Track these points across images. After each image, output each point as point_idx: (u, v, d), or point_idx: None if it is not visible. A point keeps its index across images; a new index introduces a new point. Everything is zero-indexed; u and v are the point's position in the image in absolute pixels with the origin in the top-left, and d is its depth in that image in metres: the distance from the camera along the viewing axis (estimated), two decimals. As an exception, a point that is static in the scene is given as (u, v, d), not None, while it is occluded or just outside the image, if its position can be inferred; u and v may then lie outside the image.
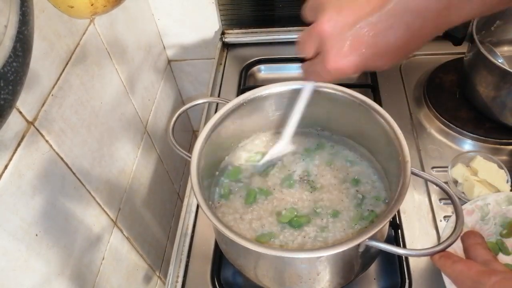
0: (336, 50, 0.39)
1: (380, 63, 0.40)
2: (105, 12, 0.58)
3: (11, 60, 0.37)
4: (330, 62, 0.40)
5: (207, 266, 0.68)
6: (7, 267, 0.55)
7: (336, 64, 0.39)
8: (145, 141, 1.00)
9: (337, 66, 0.40)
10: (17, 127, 0.56)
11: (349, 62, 0.39)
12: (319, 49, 0.41)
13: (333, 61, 0.39)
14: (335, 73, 0.41)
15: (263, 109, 0.65)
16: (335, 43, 0.38)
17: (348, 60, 0.39)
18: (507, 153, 0.80)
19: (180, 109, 0.64)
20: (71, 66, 0.68)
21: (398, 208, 0.49)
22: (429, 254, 0.47)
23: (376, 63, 0.40)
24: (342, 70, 0.40)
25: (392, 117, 0.56)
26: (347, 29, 0.37)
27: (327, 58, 0.40)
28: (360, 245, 0.47)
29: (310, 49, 0.42)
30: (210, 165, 0.61)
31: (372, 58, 0.39)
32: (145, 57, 1.02)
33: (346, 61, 0.39)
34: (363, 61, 0.39)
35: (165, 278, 0.90)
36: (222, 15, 1.07)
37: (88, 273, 0.74)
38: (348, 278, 0.58)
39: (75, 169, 0.69)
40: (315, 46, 0.41)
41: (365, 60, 0.39)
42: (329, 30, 0.38)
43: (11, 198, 0.55)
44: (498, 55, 0.82)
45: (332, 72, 0.41)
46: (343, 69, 0.40)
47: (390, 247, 0.47)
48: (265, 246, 0.48)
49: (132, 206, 0.92)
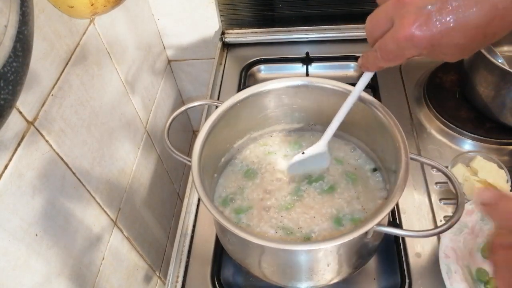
0: (414, 17, 0.36)
1: (456, 41, 0.37)
2: (105, 12, 0.58)
3: (11, 60, 0.37)
4: (404, 30, 0.37)
5: (207, 266, 0.68)
6: (7, 267, 0.55)
7: (410, 32, 0.36)
8: (145, 141, 1.00)
9: (411, 35, 0.36)
10: (17, 127, 0.56)
11: (424, 33, 0.36)
12: (391, 21, 0.38)
13: (407, 29, 0.36)
14: (405, 45, 0.37)
15: (257, 108, 0.65)
16: (414, 10, 0.36)
17: (424, 30, 0.36)
18: (507, 153, 0.80)
19: (174, 112, 0.63)
20: (71, 66, 0.68)
21: (401, 195, 0.50)
22: (432, 234, 0.49)
23: (452, 40, 0.37)
24: (415, 41, 0.37)
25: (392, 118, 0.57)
26: (429, 1, 0.36)
27: (401, 27, 0.37)
28: (369, 232, 0.49)
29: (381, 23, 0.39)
30: (209, 166, 0.61)
31: (449, 34, 0.36)
32: (145, 57, 1.02)
33: (422, 31, 0.36)
34: (439, 36, 0.36)
35: (165, 278, 0.90)
36: (222, 15, 1.07)
37: (88, 273, 0.74)
38: (357, 266, 0.59)
39: (75, 169, 0.69)
40: (387, 19, 0.38)
41: (440, 35, 0.36)
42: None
43: (11, 198, 0.55)
44: (498, 55, 0.82)
45: (402, 44, 0.37)
46: (417, 39, 0.37)
47: (396, 230, 0.50)
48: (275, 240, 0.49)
49: (132, 206, 0.92)
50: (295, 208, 0.61)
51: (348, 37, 1.04)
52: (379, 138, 0.59)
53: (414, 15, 0.36)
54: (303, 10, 1.04)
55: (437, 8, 0.35)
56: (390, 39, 0.39)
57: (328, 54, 1.01)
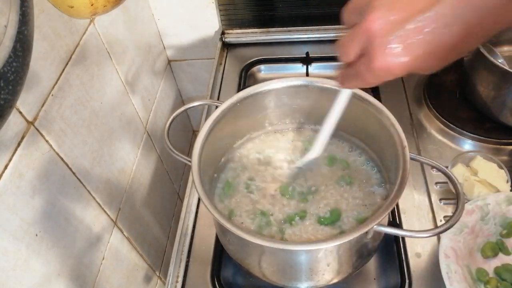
0: (386, 48, 0.36)
1: (432, 63, 0.37)
2: (105, 12, 0.58)
3: (11, 60, 0.37)
4: (378, 62, 0.36)
5: (207, 266, 0.68)
6: (7, 267, 0.55)
7: (385, 63, 0.36)
8: (145, 141, 1.00)
9: (386, 66, 0.37)
10: (17, 127, 0.56)
11: (399, 62, 0.36)
12: (364, 50, 0.38)
13: (381, 60, 0.36)
14: (382, 74, 0.38)
15: (257, 108, 0.65)
16: (385, 41, 0.36)
17: (398, 60, 0.36)
18: (507, 153, 0.80)
19: (174, 112, 0.63)
20: (71, 66, 0.68)
21: (401, 195, 0.50)
22: (432, 234, 0.49)
23: (428, 63, 0.37)
24: (391, 71, 0.37)
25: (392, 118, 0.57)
26: (398, 27, 0.35)
27: (375, 58, 0.37)
28: (369, 231, 0.49)
29: (354, 51, 0.39)
30: (209, 166, 0.61)
31: (425, 57, 0.36)
32: (145, 57, 1.02)
33: (397, 60, 0.36)
34: (414, 61, 0.36)
35: (165, 278, 0.90)
36: (222, 15, 1.07)
37: (88, 273, 0.74)
38: (357, 266, 0.59)
39: (75, 169, 0.69)
40: (359, 47, 0.38)
41: (416, 60, 0.36)
42: (379, 27, 0.35)
43: (11, 198, 0.55)
44: (498, 55, 0.82)
45: (378, 73, 0.38)
46: (392, 69, 0.37)
47: (396, 230, 0.50)
48: (275, 240, 0.49)
49: (132, 206, 0.92)
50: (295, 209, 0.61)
51: (348, 37, 1.04)
52: (379, 138, 0.59)
53: (385, 45, 0.36)
54: (303, 10, 1.04)
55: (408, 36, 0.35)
56: (365, 69, 0.39)
57: (328, 54, 1.01)
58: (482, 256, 0.65)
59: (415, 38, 0.35)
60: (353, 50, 0.39)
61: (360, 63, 0.39)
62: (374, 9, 0.36)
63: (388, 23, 0.35)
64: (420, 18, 0.34)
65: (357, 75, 0.40)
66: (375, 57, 0.36)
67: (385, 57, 0.36)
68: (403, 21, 0.35)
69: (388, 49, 0.36)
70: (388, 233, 0.50)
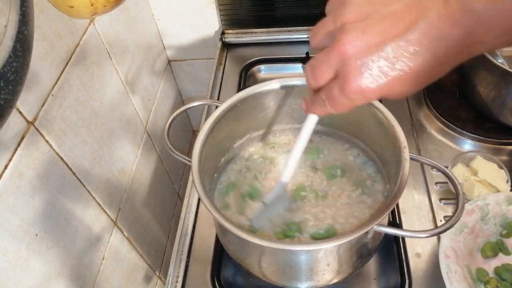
0: (360, 72, 0.35)
1: (403, 89, 0.37)
2: (105, 12, 0.58)
3: (11, 60, 0.37)
4: (352, 85, 0.36)
5: (207, 266, 0.68)
6: (7, 267, 0.55)
7: (358, 87, 0.36)
8: (145, 141, 1.00)
9: (360, 89, 0.36)
10: (17, 127, 0.56)
11: (373, 86, 0.36)
12: (336, 73, 0.37)
13: (355, 83, 0.36)
14: (356, 97, 0.37)
15: (257, 108, 0.65)
16: (359, 65, 0.35)
17: (372, 84, 0.35)
18: (507, 153, 0.80)
19: (174, 112, 0.63)
20: (71, 66, 0.68)
21: (401, 195, 0.49)
22: (432, 234, 0.49)
23: (400, 88, 0.37)
24: (365, 94, 0.36)
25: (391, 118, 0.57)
26: (372, 51, 0.35)
27: (348, 81, 0.36)
28: (369, 231, 0.48)
29: (325, 74, 0.38)
30: (209, 166, 0.61)
31: (397, 83, 0.36)
32: (145, 57, 1.02)
33: (371, 84, 0.35)
34: (387, 86, 0.36)
35: (165, 278, 0.90)
36: (222, 15, 1.07)
37: (88, 273, 0.74)
38: (357, 266, 0.59)
39: (75, 169, 0.69)
40: (332, 70, 0.37)
41: (388, 85, 0.36)
42: (353, 51, 0.35)
43: (11, 198, 0.55)
44: (498, 55, 0.82)
45: (352, 96, 0.37)
46: (366, 92, 0.36)
47: (396, 230, 0.50)
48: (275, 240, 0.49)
49: (132, 206, 0.92)
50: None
51: (348, 37, 1.04)
52: (379, 138, 0.59)
53: (361, 68, 0.35)
54: (303, 10, 1.04)
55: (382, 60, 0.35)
56: (338, 92, 0.37)
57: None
58: (482, 256, 0.65)
59: (389, 62, 0.35)
60: (325, 73, 0.38)
61: (332, 87, 0.38)
62: (348, 32, 0.35)
63: (363, 46, 0.35)
64: (394, 43, 0.34)
65: (328, 100, 0.39)
66: (349, 79, 0.36)
67: (360, 80, 0.35)
68: (377, 45, 0.35)
69: (364, 72, 0.35)
70: (388, 233, 0.50)
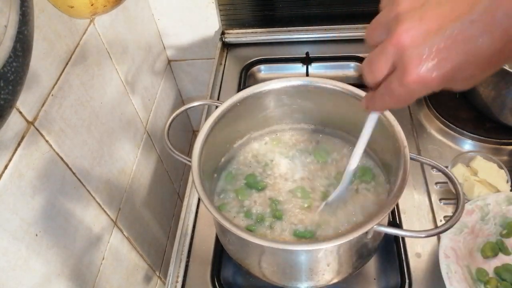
0: (419, 60, 0.33)
1: (470, 73, 0.34)
2: (105, 12, 0.58)
3: (11, 60, 0.37)
4: (412, 75, 0.34)
5: (207, 266, 0.68)
6: (7, 267, 0.55)
7: (419, 76, 0.34)
8: (145, 141, 1.00)
9: (421, 79, 0.34)
10: (17, 127, 0.56)
11: (434, 74, 0.33)
12: (394, 65, 0.35)
13: (415, 73, 0.33)
14: (417, 88, 0.35)
15: (257, 108, 0.65)
16: (418, 53, 0.33)
17: (433, 72, 0.33)
18: (507, 153, 0.80)
19: (174, 112, 0.63)
20: (71, 66, 0.68)
21: (401, 195, 0.50)
22: (432, 234, 0.49)
23: (465, 73, 0.34)
24: (427, 84, 0.34)
25: (391, 118, 0.57)
26: (431, 37, 0.32)
27: (409, 70, 0.34)
28: (369, 231, 0.49)
29: (383, 68, 0.36)
30: (209, 166, 0.61)
31: (461, 68, 0.33)
32: (145, 57, 1.02)
33: (432, 72, 0.33)
34: (451, 72, 0.33)
35: (165, 278, 0.90)
36: (222, 15, 1.07)
37: (88, 273, 0.74)
38: (357, 266, 0.59)
39: (75, 169, 0.69)
40: (389, 63, 0.35)
41: (453, 71, 0.33)
42: (410, 39, 0.33)
43: (11, 198, 0.55)
44: (498, 55, 0.82)
45: (413, 87, 0.35)
46: (428, 81, 0.34)
47: (396, 230, 0.50)
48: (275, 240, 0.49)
49: (132, 206, 0.92)
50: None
51: (348, 37, 1.04)
52: (379, 138, 0.59)
53: (420, 56, 0.33)
54: (303, 10, 1.04)
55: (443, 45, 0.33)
56: (398, 84, 0.36)
57: (328, 54, 1.01)
58: (482, 256, 0.65)
59: (452, 47, 0.33)
60: (382, 67, 0.36)
61: (391, 80, 0.36)
62: (404, 21, 0.34)
63: (421, 33, 0.33)
64: (456, 25, 0.32)
65: (388, 94, 0.37)
66: (409, 69, 0.34)
67: (421, 68, 0.33)
68: (436, 31, 0.32)
69: (424, 60, 0.33)
70: (388, 233, 0.50)
